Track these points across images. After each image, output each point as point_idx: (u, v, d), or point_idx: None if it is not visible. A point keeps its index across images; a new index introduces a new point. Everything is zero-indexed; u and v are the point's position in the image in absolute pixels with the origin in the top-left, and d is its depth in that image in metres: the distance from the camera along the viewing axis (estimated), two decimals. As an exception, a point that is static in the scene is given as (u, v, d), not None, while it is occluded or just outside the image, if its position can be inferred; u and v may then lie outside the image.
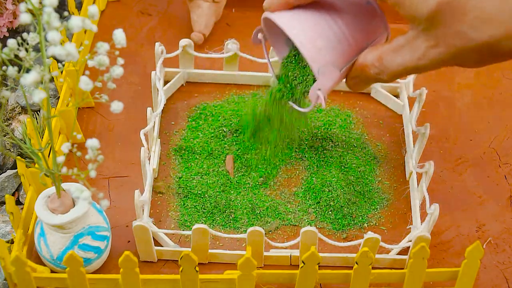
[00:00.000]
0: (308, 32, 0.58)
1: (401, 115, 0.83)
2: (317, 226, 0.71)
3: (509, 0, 0.49)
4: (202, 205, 0.72)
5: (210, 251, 0.67)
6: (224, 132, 0.78)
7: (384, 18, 0.61)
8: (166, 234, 0.68)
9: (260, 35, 0.66)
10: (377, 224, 0.72)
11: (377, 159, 0.77)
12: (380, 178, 0.76)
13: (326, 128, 0.79)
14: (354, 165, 0.76)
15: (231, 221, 0.71)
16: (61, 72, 0.78)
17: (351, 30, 0.59)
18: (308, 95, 0.61)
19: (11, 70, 0.52)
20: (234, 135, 0.78)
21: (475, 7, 0.50)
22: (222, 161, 0.76)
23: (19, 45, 0.53)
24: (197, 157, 0.77)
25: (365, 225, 0.72)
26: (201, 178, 0.75)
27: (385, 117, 0.83)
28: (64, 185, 0.63)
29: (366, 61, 0.58)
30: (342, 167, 0.76)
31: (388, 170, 0.77)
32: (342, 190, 0.74)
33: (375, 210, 0.74)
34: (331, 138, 0.78)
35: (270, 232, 0.71)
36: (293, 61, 0.65)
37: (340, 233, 0.71)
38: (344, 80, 0.62)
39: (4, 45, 0.53)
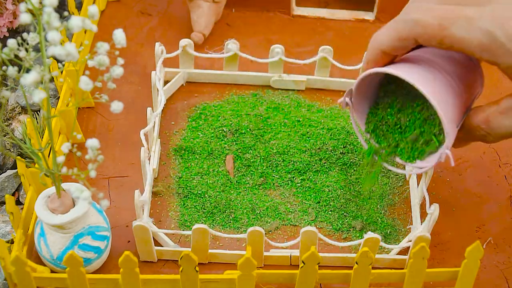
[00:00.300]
0: (432, 86, 0.54)
1: (401, 115, 0.83)
2: (317, 226, 0.71)
3: None
4: (202, 205, 0.72)
5: (210, 251, 0.67)
6: (224, 132, 0.78)
7: (482, 73, 0.58)
8: (166, 234, 0.68)
9: (348, 99, 0.61)
10: (377, 223, 0.72)
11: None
12: (380, 178, 0.76)
13: (326, 128, 0.79)
14: (354, 165, 0.76)
15: (231, 221, 0.71)
16: (61, 72, 0.78)
17: (462, 85, 0.56)
18: (437, 155, 0.58)
19: (11, 70, 0.52)
20: (234, 135, 0.78)
21: None
22: (222, 161, 0.76)
23: (19, 45, 0.53)
24: (197, 157, 0.77)
25: (365, 225, 0.72)
26: (201, 178, 0.75)
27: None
28: (64, 185, 0.63)
29: (473, 123, 0.55)
30: (342, 167, 0.76)
31: (388, 170, 0.77)
32: (342, 190, 0.74)
33: (375, 210, 0.74)
34: (331, 138, 0.78)
35: (270, 232, 0.71)
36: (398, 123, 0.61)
37: (340, 233, 0.71)
38: None
39: (4, 45, 0.53)
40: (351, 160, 0.76)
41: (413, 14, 0.52)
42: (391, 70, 0.55)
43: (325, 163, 0.76)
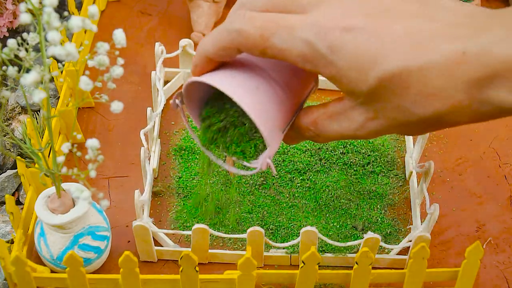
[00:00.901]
0: (253, 96, 0.52)
1: (401, 115, 0.83)
2: (317, 226, 0.71)
3: (455, 73, 0.46)
4: (202, 205, 0.72)
5: (210, 251, 0.67)
6: None
7: (316, 75, 0.56)
8: (166, 234, 0.68)
9: (178, 101, 0.58)
10: (377, 223, 0.72)
11: (377, 159, 0.77)
12: (380, 178, 0.76)
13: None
14: (354, 165, 0.76)
15: (232, 221, 0.71)
16: (61, 72, 0.78)
17: (290, 88, 0.54)
18: (258, 162, 0.55)
19: (11, 70, 0.52)
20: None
21: (418, 81, 0.46)
22: (222, 161, 0.76)
23: (19, 45, 0.53)
24: (197, 157, 0.77)
25: (365, 225, 0.72)
26: (201, 178, 0.75)
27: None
28: (64, 185, 0.63)
29: (302, 124, 0.54)
30: (342, 167, 0.76)
31: (388, 170, 0.77)
32: (342, 190, 0.74)
33: (375, 210, 0.74)
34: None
35: (271, 232, 0.71)
36: (227, 125, 0.58)
37: (340, 233, 0.71)
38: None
39: (4, 45, 0.53)
40: (351, 160, 0.76)
41: (235, 24, 0.51)
42: (210, 80, 0.53)
43: (325, 163, 0.76)
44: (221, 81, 0.52)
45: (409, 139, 0.78)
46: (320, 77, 0.55)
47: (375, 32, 0.46)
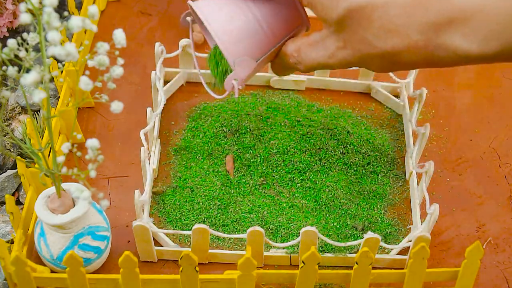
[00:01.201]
0: (224, 23, 0.60)
1: (401, 115, 0.83)
2: (317, 226, 0.71)
3: (414, 14, 0.51)
4: (202, 205, 0.72)
5: (210, 251, 0.67)
6: (224, 132, 0.78)
7: (303, 10, 0.62)
8: (166, 234, 0.68)
9: (188, 18, 0.68)
10: (377, 223, 0.72)
11: (377, 159, 0.77)
12: (380, 178, 0.76)
13: (326, 128, 0.79)
14: (354, 165, 0.76)
15: (231, 221, 0.71)
16: (61, 72, 0.78)
17: (269, 21, 0.61)
18: (224, 84, 0.64)
19: (11, 70, 0.52)
20: (234, 135, 0.78)
21: (380, 17, 0.52)
22: (222, 161, 0.76)
23: (19, 45, 0.53)
24: (197, 157, 0.77)
25: (365, 225, 0.72)
26: (201, 178, 0.75)
27: (385, 117, 0.83)
28: (64, 185, 0.63)
29: (287, 51, 0.61)
30: (342, 167, 0.76)
31: (388, 170, 0.77)
32: (342, 190, 0.74)
33: (375, 210, 0.74)
34: (331, 138, 0.78)
35: (271, 232, 0.71)
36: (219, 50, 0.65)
37: (340, 233, 0.71)
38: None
39: (4, 45, 0.53)
40: (351, 160, 0.76)
41: None
42: (197, 5, 0.63)
43: (325, 163, 0.76)
44: (203, 7, 0.62)
45: (409, 139, 0.78)
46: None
47: None
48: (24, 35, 0.54)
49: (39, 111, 0.82)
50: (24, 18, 0.48)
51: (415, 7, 0.51)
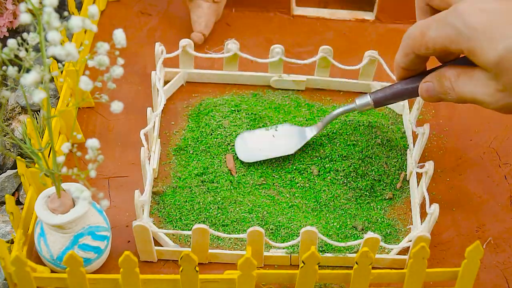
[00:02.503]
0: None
1: (401, 115, 0.83)
2: (317, 226, 0.71)
3: None
4: (202, 205, 0.72)
5: (210, 251, 0.67)
6: (224, 132, 0.78)
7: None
8: (166, 234, 0.68)
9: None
10: (377, 223, 0.72)
11: (377, 159, 0.77)
12: (380, 178, 0.76)
13: (325, 127, 0.78)
14: (353, 164, 0.76)
15: (231, 221, 0.71)
16: (61, 72, 0.78)
17: None
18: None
19: (11, 70, 0.52)
20: (235, 135, 0.78)
21: None
22: (222, 161, 0.76)
23: (19, 45, 0.53)
24: (197, 157, 0.77)
25: (365, 225, 0.72)
26: (201, 178, 0.74)
27: (385, 117, 0.83)
28: (64, 185, 0.63)
29: (446, 73, 0.61)
30: (342, 167, 0.76)
31: (388, 170, 0.77)
32: (342, 190, 0.74)
33: (375, 210, 0.74)
34: (331, 137, 0.78)
35: (271, 232, 0.71)
36: None
37: (340, 233, 0.71)
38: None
39: (4, 45, 0.53)
40: (351, 160, 0.76)
41: (409, 29, 0.63)
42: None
43: (325, 163, 0.76)
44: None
45: (409, 139, 0.78)
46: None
47: (505, 11, 0.55)
48: (24, 35, 0.54)
49: (39, 111, 0.82)
50: (24, 18, 0.48)
51: None
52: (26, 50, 0.54)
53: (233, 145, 0.77)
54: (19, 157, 0.67)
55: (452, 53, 0.61)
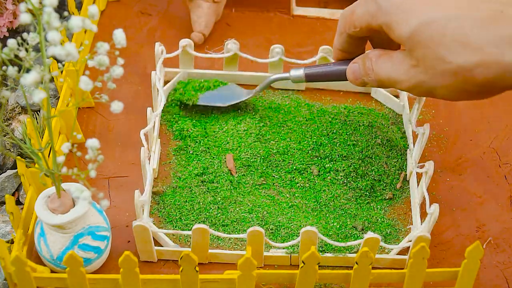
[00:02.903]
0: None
1: (401, 115, 0.83)
2: (317, 226, 0.71)
3: (489, 27, 0.50)
4: (202, 205, 0.72)
5: (210, 251, 0.67)
6: (224, 132, 0.78)
7: None
8: (166, 234, 0.68)
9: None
10: (377, 223, 0.72)
11: (377, 159, 0.77)
12: (380, 178, 0.76)
13: (325, 127, 0.79)
14: (353, 164, 0.76)
15: (231, 221, 0.71)
16: (61, 72, 0.78)
17: None
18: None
19: (11, 70, 0.52)
20: (234, 135, 0.78)
21: (454, 30, 0.52)
22: (222, 161, 0.76)
23: (19, 45, 0.53)
24: (197, 157, 0.77)
25: (365, 225, 0.72)
26: (201, 178, 0.74)
27: (385, 117, 0.83)
28: (64, 185, 0.63)
29: (369, 53, 0.62)
30: (342, 167, 0.76)
31: (388, 170, 0.77)
32: (342, 190, 0.74)
33: (375, 210, 0.74)
34: (331, 137, 0.78)
35: (271, 232, 0.71)
36: None
37: (340, 233, 0.71)
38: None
39: (4, 45, 0.53)
40: (351, 160, 0.76)
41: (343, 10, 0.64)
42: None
43: (325, 163, 0.76)
44: None
45: (409, 139, 0.78)
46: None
47: None
48: (24, 35, 0.54)
49: (39, 111, 0.82)
50: (24, 18, 0.48)
51: (491, 21, 0.50)
52: (26, 50, 0.53)
53: (233, 146, 0.77)
54: (19, 157, 0.67)
55: (375, 31, 0.61)
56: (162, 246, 0.68)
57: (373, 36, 0.64)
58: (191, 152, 0.77)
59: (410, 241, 0.67)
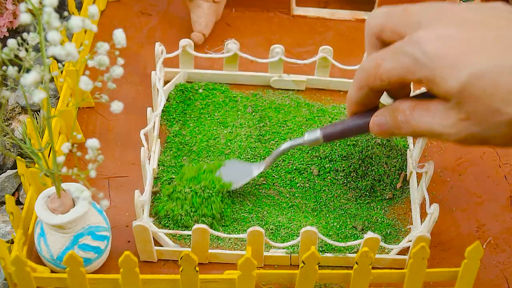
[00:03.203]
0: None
1: (401, 115, 0.83)
2: (317, 226, 0.71)
3: None
4: (202, 205, 0.72)
5: (210, 251, 0.67)
6: (224, 132, 0.78)
7: None
8: (166, 234, 0.68)
9: None
10: (377, 223, 0.72)
11: (377, 159, 0.77)
12: (380, 178, 0.76)
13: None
14: (353, 164, 0.76)
15: (231, 221, 0.71)
16: (61, 72, 0.78)
17: None
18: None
19: (11, 70, 0.52)
20: (234, 135, 0.78)
21: (508, 80, 0.49)
22: (222, 161, 0.76)
23: (19, 45, 0.53)
24: (197, 157, 0.77)
25: (365, 225, 0.72)
26: (201, 178, 0.74)
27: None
28: (64, 185, 0.63)
29: (400, 106, 0.58)
30: (342, 167, 0.76)
31: (388, 170, 0.77)
32: (342, 190, 0.74)
33: (375, 210, 0.74)
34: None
35: (271, 232, 0.71)
36: None
37: (340, 233, 0.71)
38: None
39: (4, 45, 0.53)
40: (351, 160, 0.76)
41: (362, 63, 0.60)
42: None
43: (325, 163, 0.76)
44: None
45: (409, 139, 0.78)
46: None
47: (466, 39, 0.51)
48: (24, 35, 0.54)
49: (39, 111, 0.82)
50: (24, 18, 0.48)
51: None
52: (26, 50, 0.53)
53: (233, 145, 0.77)
54: (19, 157, 0.67)
55: (406, 87, 0.59)
56: (162, 246, 0.68)
57: (397, 87, 0.60)
58: (191, 152, 0.77)
59: (410, 241, 0.67)
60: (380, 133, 0.61)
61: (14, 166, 0.77)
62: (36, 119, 0.80)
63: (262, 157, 0.76)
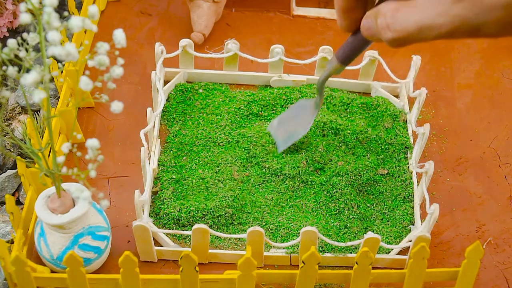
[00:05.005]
0: None
1: (401, 115, 0.83)
2: (317, 226, 0.71)
3: None
4: (202, 205, 0.72)
5: (210, 251, 0.67)
6: (224, 132, 0.78)
7: None
8: (166, 234, 0.68)
9: None
10: (377, 224, 0.72)
11: (377, 159, 0.77)
12: (380, 178, 0.76)
13: (326, 127, 0.78)
14: (354, 164, 0.76)
15: (231, 221, 0.71)
16: (61, 72, 0.78)
17: None
18: None
19: (11, 70, 0.52)
20: (234, 135, 0.78)
21: None
22: (222, 161, 0.76)
23: (19, 45, 0.53)
24: (197, 157, 0.77)
25: (366, 225, 0.72)
26: (201, 178, 0.74)
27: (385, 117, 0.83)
28: (64, 185, 0.63)
29: (381, 9, 0.54)
30: (342, 167, 0.76)
31: (388, 170, 0.77)
32: (342, 190, 0.74)
33: (375, 210, 0.74)
34: (331, 137, 0.78)
35: (271, 232, 0.71)
36: None
37: (340, 233, 0.71)
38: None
39: (4, 45, 0.53)
40: (351, 159, 0.76)
41: None
42: None
43: (325, 163, 0.76)
44: None
45: (410, 138, 0.78)
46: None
47: None
48: (24, 35, 0.54)
49: (39, 111, 0.82)
50: (24, 18, 0.48)
51: None
52: (26, 50, 0.53)
53: (233, 145, 0.77)
54: (19, 157, 0.67)
55: None
56: (162, 246, 0.68)
57: None
58: (191, 152, 0.77)
59: (410, 241, 0.67)
60: (370, 37, 0.57)
61: (14, 166, 0.77)
62: (36, 119, 0.80)
63: (262, 156, 0.76)
